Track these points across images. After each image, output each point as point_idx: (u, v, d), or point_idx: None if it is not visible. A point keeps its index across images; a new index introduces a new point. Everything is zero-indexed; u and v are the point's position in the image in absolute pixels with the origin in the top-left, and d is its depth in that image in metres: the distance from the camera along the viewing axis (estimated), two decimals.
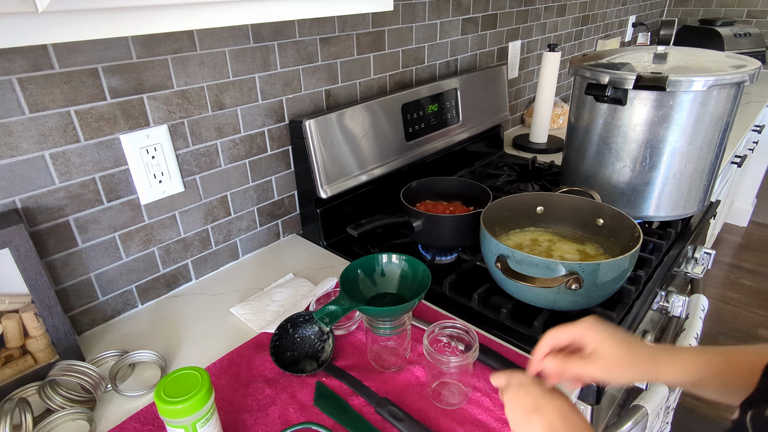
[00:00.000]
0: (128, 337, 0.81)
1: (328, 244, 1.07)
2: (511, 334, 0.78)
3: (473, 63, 1.49)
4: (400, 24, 1.18)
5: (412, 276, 0.75)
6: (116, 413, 0.67)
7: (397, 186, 1.04)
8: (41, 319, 0.68)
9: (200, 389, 0.53)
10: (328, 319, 0.65)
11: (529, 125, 1.82)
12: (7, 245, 0.63)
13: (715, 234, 2.71)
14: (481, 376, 0.70)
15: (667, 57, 1.02)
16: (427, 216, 0.94)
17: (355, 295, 0.70)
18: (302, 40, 0.98)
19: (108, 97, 0.74)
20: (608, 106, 0.99)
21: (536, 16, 1.70)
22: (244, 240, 1.02)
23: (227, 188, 0.95)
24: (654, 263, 0.94)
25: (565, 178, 1.18)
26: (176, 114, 0.83)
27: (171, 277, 0.92)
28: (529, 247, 0.92)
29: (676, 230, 1.05)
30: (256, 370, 0.72)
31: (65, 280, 0.78)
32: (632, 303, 0.84)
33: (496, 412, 0.64)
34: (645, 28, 2.51)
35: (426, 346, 0.64)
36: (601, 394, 0.70)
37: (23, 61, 0.65)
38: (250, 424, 0.64)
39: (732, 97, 0.95)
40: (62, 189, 0.73)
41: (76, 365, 0.68)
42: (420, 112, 1.19)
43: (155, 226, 0.86)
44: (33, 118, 0.68)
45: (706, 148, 0.97)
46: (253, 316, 0.84)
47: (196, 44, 0.82)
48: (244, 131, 0.94)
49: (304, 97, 1.02)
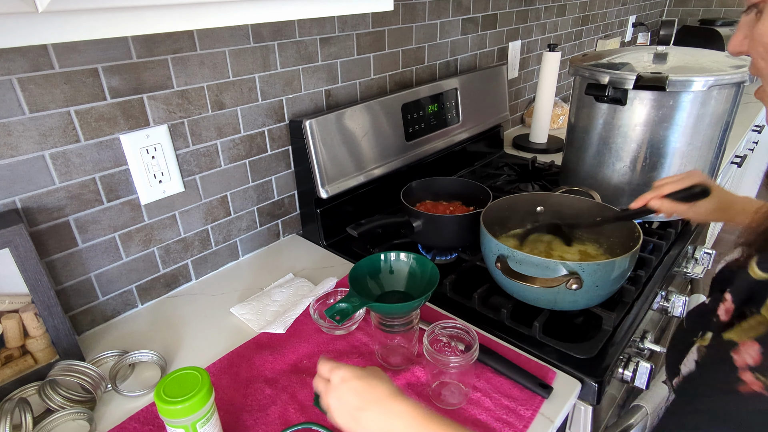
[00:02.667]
0: (128, 337, 0.81)
1: (328, 244, 1.07)
2: (511, 334, 0.78)
3: (473, 63, 1.49)
4: (400, 24, 1.18)
5: (421, 274, 0.75)
6: (116, 413, 0.67)
7: (397, 186, 1.04)
8: (41, 319, 0.68)
9: (200, 389, 0.53)
10: (339, 316, 0.65)
11: (529, 125, 1.82)
12: (7, 245, 0.63)
13: (715, 234, 2.71)
14: (481, 376, 0.70)
15: (667, 57, 1.02)
16: (427, 216, 0.94)
17: (363, 293, 0.71)
18: (302, 40, 0.98)
19: (108, 97, 0.74)
20: (608, 106, 0.99)
21: (536, 16, 1.70)
22: (244, 240, 1.02)
23: (227, 188, 0.95)
24: (654, 263, 0.94)
25: (565, 178, 1.18)
26: (176, 114, 0.83)
27: (171, 277, 0.92)
28: (529, 247, 0.92)
29: (676, 230, 1.05)
30: (256, 370, 0.72)
31: (65, 280, 0.78)
32: (632, 303, 0.84)
33: (496, 412, 0.64)
34: (645, 28, 2.51)
35: (426, 346, 0.64)
36: (601, 394, 0.70)
37: (23, 61, 0.65)
38: (250, 424, 0.64)
39: (732, 97, 0.95)
40: (62, 189, 0.73)
41: (76, 365, 0.68)
42: (420, 112, 1.19)
43: (155, 226, 0.86)
44: (33, 118, 0.68)
45: (706, 148, 0.97)
46: (253, 316, 0.84)
47: (196, 44, 0.82)
48: (244, 131, 0.94)
49: (304, 97, 1.02)
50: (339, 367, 0.55)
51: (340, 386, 0.53)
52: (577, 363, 0.72)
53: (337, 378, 0.53)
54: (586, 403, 0.72)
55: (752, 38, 0.47)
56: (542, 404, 0.65)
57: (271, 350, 0.76)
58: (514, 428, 0.62)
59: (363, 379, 0.52)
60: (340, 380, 0.53)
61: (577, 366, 0.71)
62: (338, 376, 0.53)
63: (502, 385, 0.68)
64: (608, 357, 0.73)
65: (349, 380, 0.53)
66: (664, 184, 0.79)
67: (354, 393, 0.52)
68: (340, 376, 0.53)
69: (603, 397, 0.71)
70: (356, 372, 0.53)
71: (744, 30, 0.48)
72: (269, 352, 0.75)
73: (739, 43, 0.49)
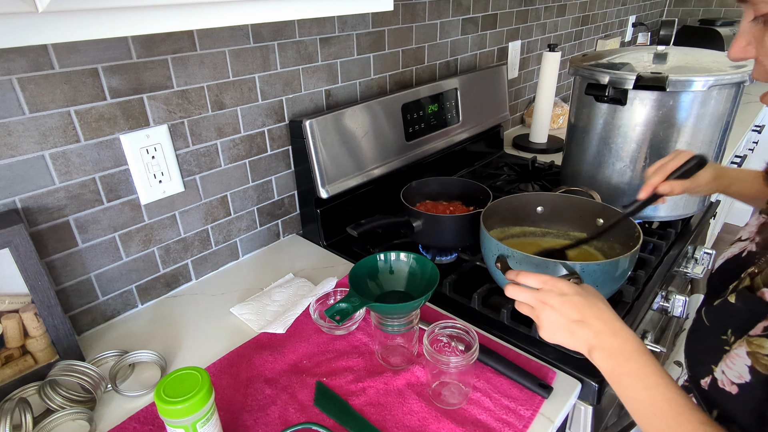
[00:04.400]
0: (128, 337, 0.81)
1: (328, 244, 1.07)
2: (511, 334, 0.78)
3: (473, 63, 1.49)
4: (400, 24, 1.18)
5: (421, 274, 0.75)
6: (116, 413, 0.67)
7: (397, 186, 1.04)
8: (41, 319, 0.68)
9: (200, 389, 0.53)
10: (339, 316, 0.65)
11: (529, 125, 1.82)
12: (7, 245, 0.63)
13: (715, 234, 2.71)
14: (481, 376, 0.70)
15: (667, 57, 1.02)
16: (427, 216, 0.94)
17: (363, 293, 0.71)
18: (302, 40, 0.98)
19: (108, 97, 0.74)
20: (608, 106, 0.99)
21: (536, 16, 1.70)
22: (244, 240, 1.02)
23: (227, 188, 0.95)
24: (654, 263, 0.94)
25: (565, 178, 1.18)
26: (176, 114, 0.83)
27: (171, 277, 0.92)
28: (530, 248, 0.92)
29: (676, 230, 1.05)
30: (256, 370, 0.72)
31: (65, 280, 0.78)
32: (632, 303, 0.84)
33: (496, 412, 0.64)
34: (645, 28, 2.51)
35: (426, 346, 0.64)
36: (601, 394, 0.70)
37: (23, 61, 0.65)
38: (250, 424, 0.64)
39: (732, 97, 0.95)
40: (62, 189, 0.73)
41: (76, 365, 0.68)
42: (420, 112, 1.19)
43: (155, 226, 0.86)
44: (33, 118, 0.68)
45: (706, 148, 0.97)
46: (253, 316, 0.84)
47: (196, 44, 0.82)
48: (244, 131, 0.94)
49: (304, 97, 1.02)
50: (554, 280, 0.56)
51: (558, 297, 0.54)
52: (577, 363, 0.72)
53: (555, 289, 0.55)
54: (586, 403, 0.72)
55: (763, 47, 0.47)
56: (542, 404, 0.65)
57: (271, 350, 0.76)
58: (514, 428, 0.62)
59: (585, 296, 0.54)
60: (559, 292, 0.54)
61: (577, 366, 0.71)
62: (557, 288, 0.55)
63: (502, 385, 0.68)
64: None
65: (570, 294, 0.54)
66: (661, 166, 0.79)
67: (575, 306, 0.53)
68: (560, 288, 0.55)
69: (603, 396, 0.71)
70: (577, 288, 0.55)
71: (746, 37, 0.48)
72: (269, 352, 0.75)
73: (742, 50, 0.49)
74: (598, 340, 0.52)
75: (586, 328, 0.52)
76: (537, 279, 0.57)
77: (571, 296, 0.54)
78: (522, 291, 0.57)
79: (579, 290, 0.55)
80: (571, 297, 0.54)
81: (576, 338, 0.53)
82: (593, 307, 0.53)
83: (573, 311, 0.53)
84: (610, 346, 0.51)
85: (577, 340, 0.53)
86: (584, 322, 0.52)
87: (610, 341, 0.51)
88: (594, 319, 0.52)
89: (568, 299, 0.54)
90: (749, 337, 0.46)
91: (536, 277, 0.57)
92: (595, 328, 0.52)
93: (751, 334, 0.46)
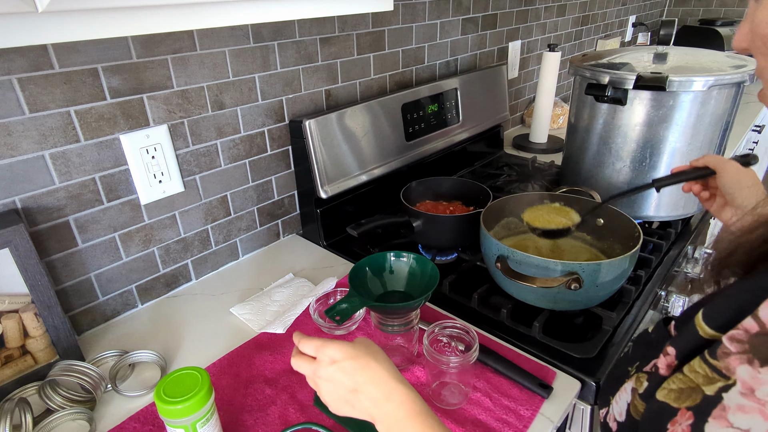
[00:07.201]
0: (128, 337, 0.81)
1: (328, 244, 1.07)
2: (511, 334, 0.78)
3: (473, 63, 1.49)
4: (400, 24, 1.18)
5: (421, 273, 0.75)
6: (116, 413, 0.67)
7: (397, 186, 1.04)
8: (41, 319, 0.68)
9: (200, 389, 0.53)
10: (339, 316, 0.65)
11: (529, 125, 1.82)
12: (7, 245, 0.63)
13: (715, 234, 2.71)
14: (481, 376, 0.70)
15: (667, 57, 1.02)
16: (427, 216, 0.94)
17: (363, 293, 0.71)
18: (302, 40, 0.98)
19: (108, 97, 0.74)
20: (608, 106, 0.99)
21: (536, 16, 1.70)
22: (244, 240, 1.02)
23: (227, 188, 0.95)
24: (654, 263, 0.94)
25: (565, 178, 1.18)
26: (176, 114, 0.83)
27: (171, 277, 0.92)
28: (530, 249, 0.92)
29: (676, 230, 1.05)
30: (256, 370, 0.72)
31: (65, 280, 0.78)
32: (632, 303, 0.84)
33: (496, 412, 0.64)
34: (645, 28, 2.51)
35: (426, 346, 0.64)
36: None
37: (23, 61, 0.65)
38: (250, 424, 0.64)
39: (732, 97, 0.95)
40: (62, 189, 0.73)
41: (76, 365, 0.68)
42: (420, 112, 1.19)
43: (155, 226, 0.86)
44: (33, 118, 0.68)
45: (706, 148, 0.97)
46: (253, 316, 0.84)
47: (196, 44, 0.82)
48: (244, 131, 0.94)
49: (304, 97, 1.02)
50: (326, 345, 0.50)
51: (329, 367, 0.49)
52: (577, 363, 0.72)
53: (326, 358, 0.50)
54: (586, 403, 0.72)
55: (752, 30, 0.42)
56: (542, 404, 0.65)
57: (271, 350, 0.76)
58: (514, 428, 0.62)
59: (356, 359, 0.49)
60: (330, 360, 0.49)
61: (577, 366, 0.71)
62: (327, 356, 0.50)
63: (502, 385, 0.68)
64: (608, 357, 0.73)
65: (340, 360, 0.49)
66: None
67: (346, 374, 0.48)
68: (329, 355, 0.49)
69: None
70: (347, 350, 0.49)
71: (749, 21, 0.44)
72: (269, 352, 0.75)
73: (743, 37, 0.44)
74: (376, 409, 0.47)
75: (362, 397, 0.48)
76: (311, 346, 0.51)
77: (341, 362, 0.49)
78: (302, 362, 0.52)
79: (351, 351, 0.49)
80: (341, 363, 0.49)
81: (357, 410, 0.48)
82: (365, 370, 0.48)
83: (346, 379, 0.48)
84: (385, 413, 0.47)
85: (360, 412, 0.48)
86: (358, 390, 0.48)
87: (385, 408, 0.47)
88: (367, 385, 0.48)
89: (339, 367, 0.49)
90: (640, 373, 0.42)
91: (310, 344, 0.51)
92: (370, 395, 0.47)
93: (644, 369, 0.42)
